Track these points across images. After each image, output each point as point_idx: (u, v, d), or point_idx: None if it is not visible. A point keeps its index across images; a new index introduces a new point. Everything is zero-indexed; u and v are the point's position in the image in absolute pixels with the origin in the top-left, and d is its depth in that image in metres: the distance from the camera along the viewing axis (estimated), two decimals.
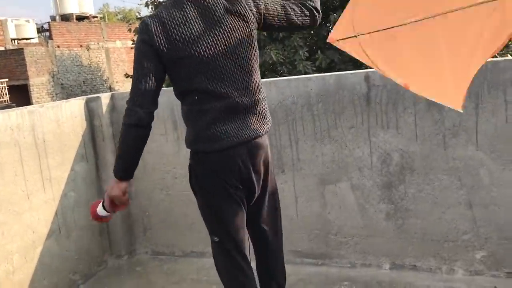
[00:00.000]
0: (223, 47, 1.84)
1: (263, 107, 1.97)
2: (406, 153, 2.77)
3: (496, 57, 5.94)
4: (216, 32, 1.84)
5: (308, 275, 2.94)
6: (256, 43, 1.94)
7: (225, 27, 1.85)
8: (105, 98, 3.37)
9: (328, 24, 9.92)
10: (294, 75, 7.14)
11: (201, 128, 1.90)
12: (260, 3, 1.93)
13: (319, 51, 9.40)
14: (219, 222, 1.98)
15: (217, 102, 1.87)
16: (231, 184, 1.94)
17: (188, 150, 2.01)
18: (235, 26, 1.86)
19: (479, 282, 2.66)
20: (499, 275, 2.68)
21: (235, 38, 1.86)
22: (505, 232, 2.64)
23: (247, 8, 1.89)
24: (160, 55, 1.83)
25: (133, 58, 1.94)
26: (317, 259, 3.06)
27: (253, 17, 1.90)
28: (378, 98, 2.76)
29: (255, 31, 1.92)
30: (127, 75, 15.16)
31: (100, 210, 2.01)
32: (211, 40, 1.83)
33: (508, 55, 5.98)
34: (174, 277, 3.13)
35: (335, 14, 8.78)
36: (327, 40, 1.75)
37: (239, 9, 1.87)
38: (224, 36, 1.85)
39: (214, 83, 1.85)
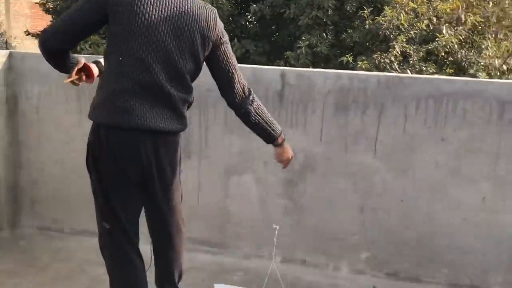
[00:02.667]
0: (168, 32, 1.81)
1: (182, 108, 1.92)
2: (310, 153, 2.86)
3: (410, 70, 6.37)
4: (168, 16, 1.80)
5: (203, 263, 2.94)
6: (200, 57, 1.90)
7: (181, 19, 1.82)
8: (1, 56, 3.07)
9: (247, 14, 9.95)
10: None
11: (110, 94, 1.81)
12: (220, 45, 1.92)
13: (235, 39, 9.40)
14: (110, 208, 1.91)
15: (135, 73, 1.79)
16: (128, 172, 1.86)
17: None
18: (190, 26, 1.83)
19: (360, 281, 2.84)
20: (379, 276, 2.88)
21: (182, 34, 1.82)
22: (390, 236, 2.85)
23: (213, 28, 1.88)
24: (105, 8, 1.78)
25: (36, 15, 1.83)
26: (213, 247, 3.07)
27: (208, 40, 1.88)
28: (290, 97, 2.82)
29: (204, 48, 1.89)
30: (27, 32, 13.99)
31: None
32: (159, 19, 1.79)
33: (408, 71, 6.42)
34: (61, 255, 2.96)
35: (255, 6, 8.82)
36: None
37: (205, 20, 1.85)
38: (173, 24, 1.81)
39: (148, 51, 1.79)
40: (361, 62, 6.63)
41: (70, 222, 3.24)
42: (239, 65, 2.06)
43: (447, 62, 7.12)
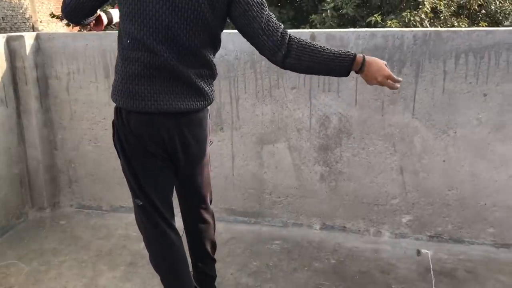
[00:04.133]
0: (164, 8, 1.66)
1: (201, 83, 1.79)
2: (345, 117, 2.78)
3: (442, 26, 6.12)
4: None
5: (241, 233, 2.93)
6: (213, 25, 1.73)
7: None
8: (29, 38, 3.06)
9: None
10: None
11: (123, 79, 1.75)
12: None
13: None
14: (140, 187, 1.87)
15: (143, 57, 1.70)
16: (153, 151, 1.81)
17: None
18: None
19: (403, 244, 2.78)
20: (422, 238, 2.81)
21: (184, 7, 1.67)
22: (431, 198, 2.76)
23: None
24: None
25: None
26: (250, 217, 3.06)
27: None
28: None
29: (216, 12, 1.71)
30: (52, 15, 14.11)
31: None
32: None
33: (440, 28, 6.17)
34: (101, 232, 3.00)
35: None
36: None
37: None
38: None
39: (149, 33, 1.68)
40: (390, 22, 6.41)
41: (108, 199, 3.28)
42: None
43: (480, 16, 6.81)
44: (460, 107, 2.62)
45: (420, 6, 6.54)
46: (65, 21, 13.78)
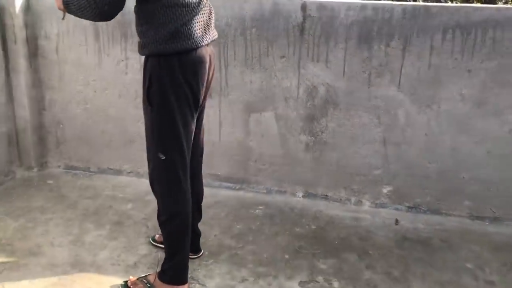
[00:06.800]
0: None
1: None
2: (332, 87, 2.82)
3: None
4: None
5: (225, 198, 3.00)
6: None
7: None
8: None
9: None
10: None
11: (182, 23, 1.78)
12: None
13: None
14: (177, 138, 1.89)
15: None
16: (196, 92, 1.88)
17: (112, 63, 1.90)
18: None
19: (383, 214, 2.87)
20: (401, 209, 2.90)
21: None
22: (412, 169, 2.84)
23: None
24: None
25: None
26: (235, 183, 3.12)
27: None
28: (312, 29, 2.74)
29: None
30: None
31: None
32: None
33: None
34: (88, 192, 3.05)
35: None
36: None
37: None
38: None
39: None
40: None
41: (95, 161, 3.31)
42: None
43: None
44: (444, 82, 2.67)
45: None
46: None
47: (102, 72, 3.11)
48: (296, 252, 2.46)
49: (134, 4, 1.82)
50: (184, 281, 2.08)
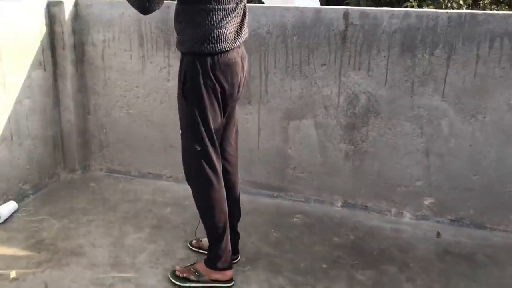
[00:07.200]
0: None
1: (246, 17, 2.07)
2: (374, 96, 2.78)
3: (479, 7, 5.95)
4: None
5: (263, 205, 3.00)
6: None
7: None
8: (68, 4, 3.14)
9: None
10: None
11: (216, 27, 1.90)
12: None
13: None
14: (207, 130, 2.00)
15: (231, 4, 1.91)
16: (226, 90, 1.99)
17: (155, 70, 1.98)
18: None
19: (424, 226, 2.80)
20: (443, 222, 2.82)
21: None
22: (455, 181, 2.76)
23: None
24: None
25: None
26: (273, 191, 3.11)
27: None
28: (354, 37, 2.72)
29: None
30: None
31: None
32: None
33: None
34: (129, 196, 3.11)
35: None
36: None
37: None
38: None
39: None
40: (426, 7, 6.29)
41: (137, 165, 3.38)
42: (300, 6, 2.07)
43: None
44: (491, 92, 2.59)
45: None
46: None
47: (145, 78, 3.17)
48: (334, 262, 2.42)
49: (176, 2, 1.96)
50: (229, 266, 2.19)
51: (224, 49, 1.92)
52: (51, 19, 3.13)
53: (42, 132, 3.15)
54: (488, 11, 2.98)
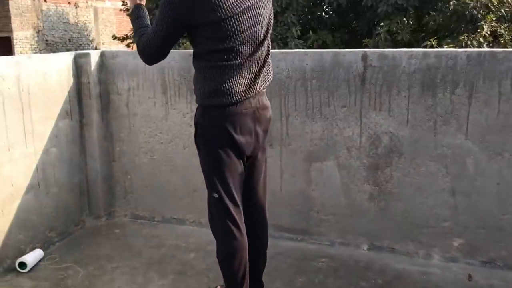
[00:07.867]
0: (256, 16, 1.96)
1: (269, 67, 2.11)
2: (396, 136, 2.77)
3: (499, 44, 5.95)
4: (253, 4, 1.96)
5: (287, 249, 2.95)
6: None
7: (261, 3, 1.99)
8: (94, 55, 3.27)
9: (323, 4, 9.82)
10: None
11: (222, 82, 1.96)
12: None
13: (310, 31, 9.33)
14: (221, 178, 2.03)
15: (238, 60, 1.96)
16: (236, 139, 2.00)
17: (178, 116, 2.03)
18: (265, 5, 2.03)
19: (454, 269, 2.71)
20: (474, 263, 2.73)
21: (264, 11, 2.02)
22: (484, 221, 2.68)
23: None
24: (190, 19, 1.90)
25: (121, 20, 1.98)
26: (296, 234, 3.07)
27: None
28: (373, 79, 2.74)
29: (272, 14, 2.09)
30: (114, 37, 14.81)
31: None
32: (249, 9, 1.94)
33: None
34: (153, 242, 3.11)
35: None
36: None
37: None
38: (259, 8, 1.98)
39: (241, 44, 1.94)
40: (446, 46, 6.32)
41: (161, 210, 3.39)
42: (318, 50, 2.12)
43: None
44: None
45: (478, 30, 6.41)
46: (125, 42, 14.44)
47: (168, 124, 3.24)
48: None
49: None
50: None
51: (231, 101, 1.97)
52: (78, 70, 3.25)
53: (68, 180, 3.21)
54: (508, 49, 2.97)
